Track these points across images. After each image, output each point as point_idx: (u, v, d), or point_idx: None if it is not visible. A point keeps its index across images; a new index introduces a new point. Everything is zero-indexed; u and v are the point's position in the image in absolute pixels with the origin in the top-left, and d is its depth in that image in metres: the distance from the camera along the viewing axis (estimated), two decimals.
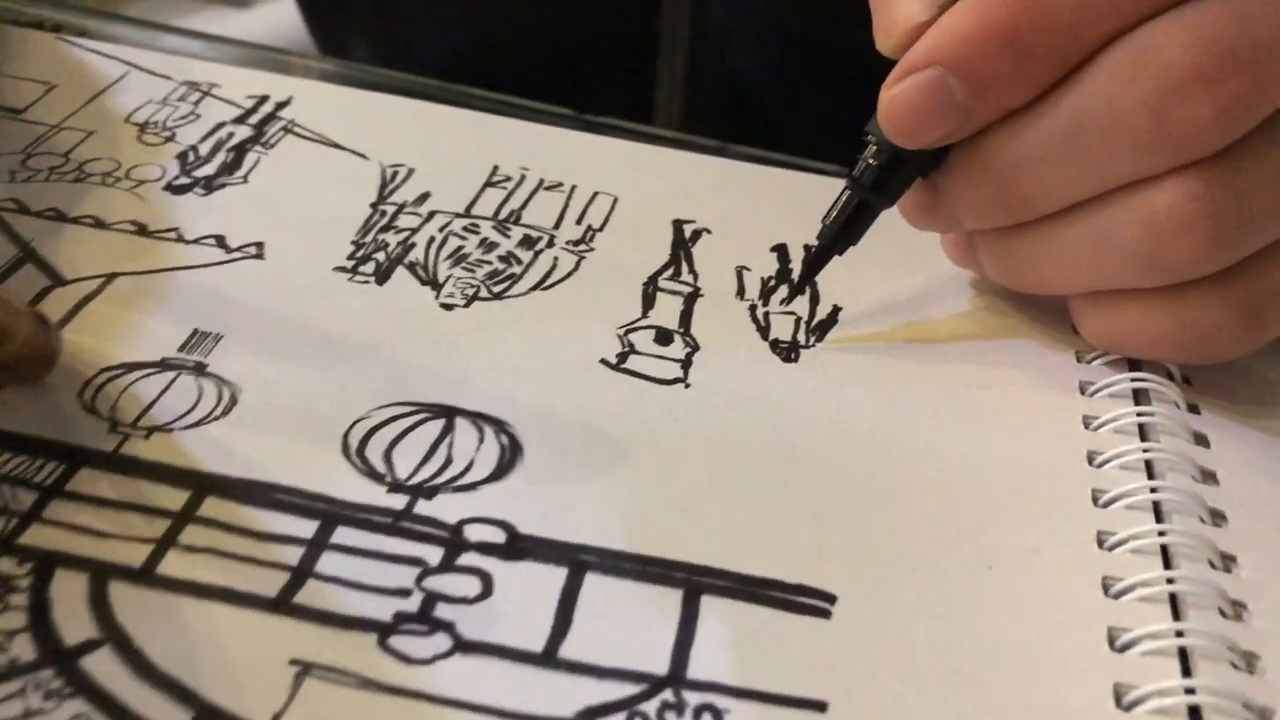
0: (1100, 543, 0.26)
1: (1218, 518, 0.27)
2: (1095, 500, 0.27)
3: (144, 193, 0.34)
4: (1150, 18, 0.25)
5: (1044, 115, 0.26)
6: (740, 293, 0.33)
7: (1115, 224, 0.27)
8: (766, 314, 0.32)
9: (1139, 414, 0.29)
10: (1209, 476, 0.28)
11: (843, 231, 0.30)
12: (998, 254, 0.30)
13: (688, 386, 0.29)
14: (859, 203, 0.30)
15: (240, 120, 0.38)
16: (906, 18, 0.27)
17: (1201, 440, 0.29)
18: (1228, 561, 0.26)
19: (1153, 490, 0.27)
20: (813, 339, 0.31)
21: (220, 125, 0.37)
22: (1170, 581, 0.25)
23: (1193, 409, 0.30)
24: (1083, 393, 0.30)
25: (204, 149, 0.36)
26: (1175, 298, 0.28)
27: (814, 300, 0.33)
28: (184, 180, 0.35)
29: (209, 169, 0.35)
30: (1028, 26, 0.25)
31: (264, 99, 0.39)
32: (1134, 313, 0.28)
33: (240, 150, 0.36)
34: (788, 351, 0.31)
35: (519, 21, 0.55)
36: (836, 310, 0.32)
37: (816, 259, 0.31)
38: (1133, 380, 0.30)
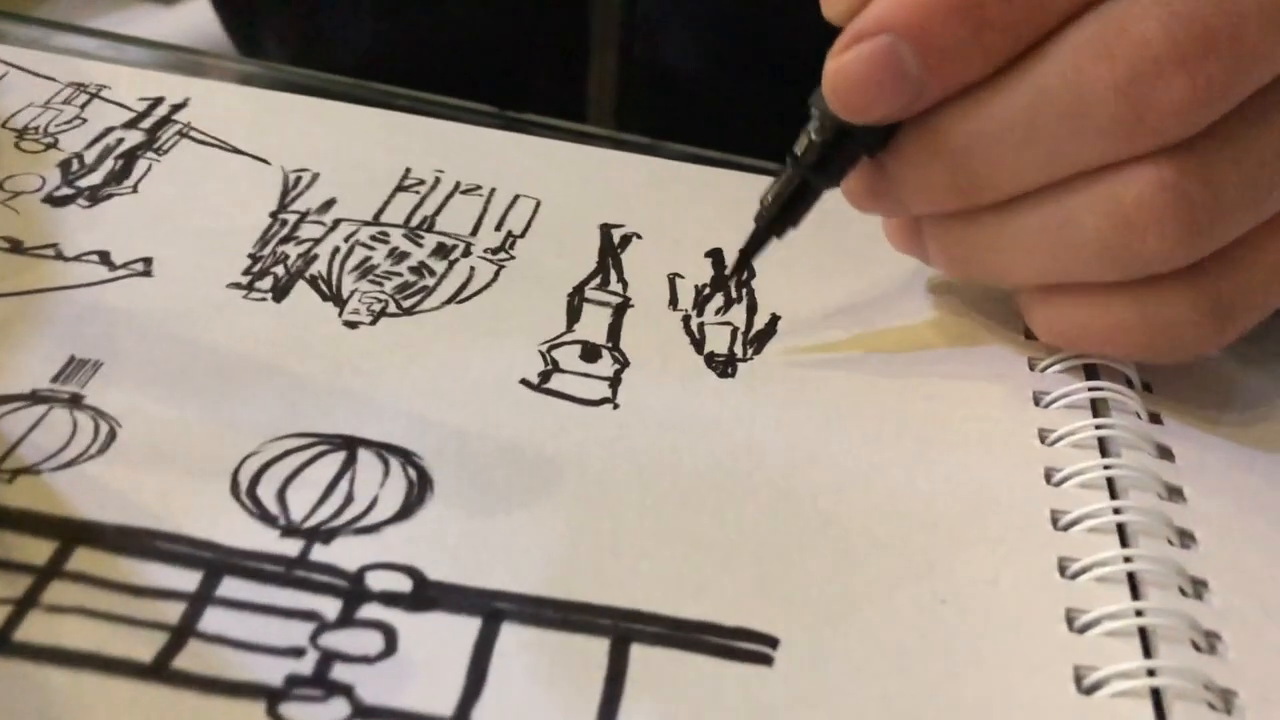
0: (1062, 570, 0.24)
1: (1186, 538, 0.25)
2: (1055, 523, 0.25)
3: (20, 205, 0.31)
4: None
5: (1003, 92, 0.24)
6: (673, 302, 0.30)
7: (1077, 213, 0.25)
8: (701, 325, 0.30)
9: (1098, 426, 0.27)
10: (1175, 493, 0.26)
11: (782, 212, 0.28)
12: (947, 241, 0.28)
13: (616, 407, 0.27)
14: (800, 182, 0.27)
15: (131, 125, 0.35)
16: None
17: (1166, 454, 0.27)
18: (1199, 587, 0.24)
19: (1116, 511, 0.25)
20: (750, 351, 0.29)
21: (109, 130, 0.34)
22: (1139, 614, 0.23)
23: (1154, 418, 0.28)
24: (1037, 404, 0.28)
25: (90, 156, 0.33)
26: (1139, 292, 0.26)
27: (751, 310, 0.30)
28: (66, 191, 0.32)
29: (94, 178, 0.32)
30: None
31: (158, 101, 0.36)
32: (1093, 307, 0.26)
33: (130, 157, 0.33)
34: (724, 366, 0.29)
35: (441, 13, 0.52)
36: (775, 319, 0.30)
37: (753, 242, 0.28)
38: (1090, 390, 0.28)
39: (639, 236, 0.32)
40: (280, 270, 0.30)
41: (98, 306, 0.28)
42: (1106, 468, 0.26)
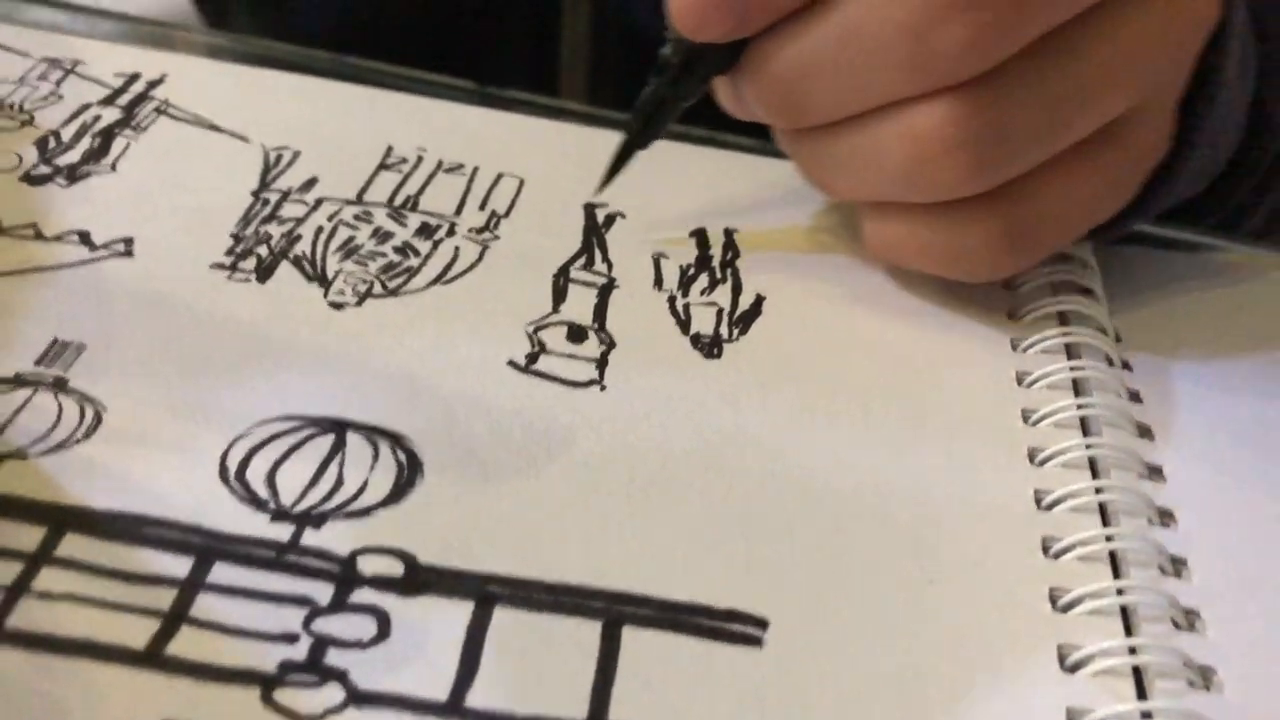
0: (1045, 549, 0.25)
1: (1166, 517, 0.26)
2: (1039, 503, 0.26)
3: None
4: None
5: (815, 25, 0.26)
6: (658, 283, 0.31)
7: (882, 140, 0.27)
8: (687, 306, 0.30)
9: (1079, 406, 0.27)
10: (1155, 471, 0.27)
11: (646, 126, 0.29)
12: (793, 153, 0.30)
13: (604, 389, 0.27)
14: (660, 98, 0.29)
15: (108, 101, 0.34)
16: None
17: (1145, 432, 0.28)
18: (1178, 565, 0.25)
19: (1097, 491, 0.25)
20: (736, 332, 0.29)
21: (85, 107, 0.34)
22: (1120, 593, 0.23)
23: (1134, 397, 0.29)
24: (1020, 384, 0.28)
25: (67, 134, 0.33)
26: (941, 215, 0.28)
27: (736, 290, 0.30)
28: (44, 169, 0.32)
29: (72, 156, 0.32)
30: None
31: (135, 77, 0.35)
32: (904, 226, 0.29)
33: (108, 135, 0.33)
34: (709, 347, 0.29)
35: None
36: (760, 300, 0.30)
37: (619, 156, 0.30)
38: (1071, 370, 0.28)
39: (623, 216, 0.32)
40: (264, 250, 0.30)
41: (79, 288, 0.28)
42: (1088, 447, 0.26)
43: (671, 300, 0.30)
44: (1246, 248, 0.36)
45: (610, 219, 0.32)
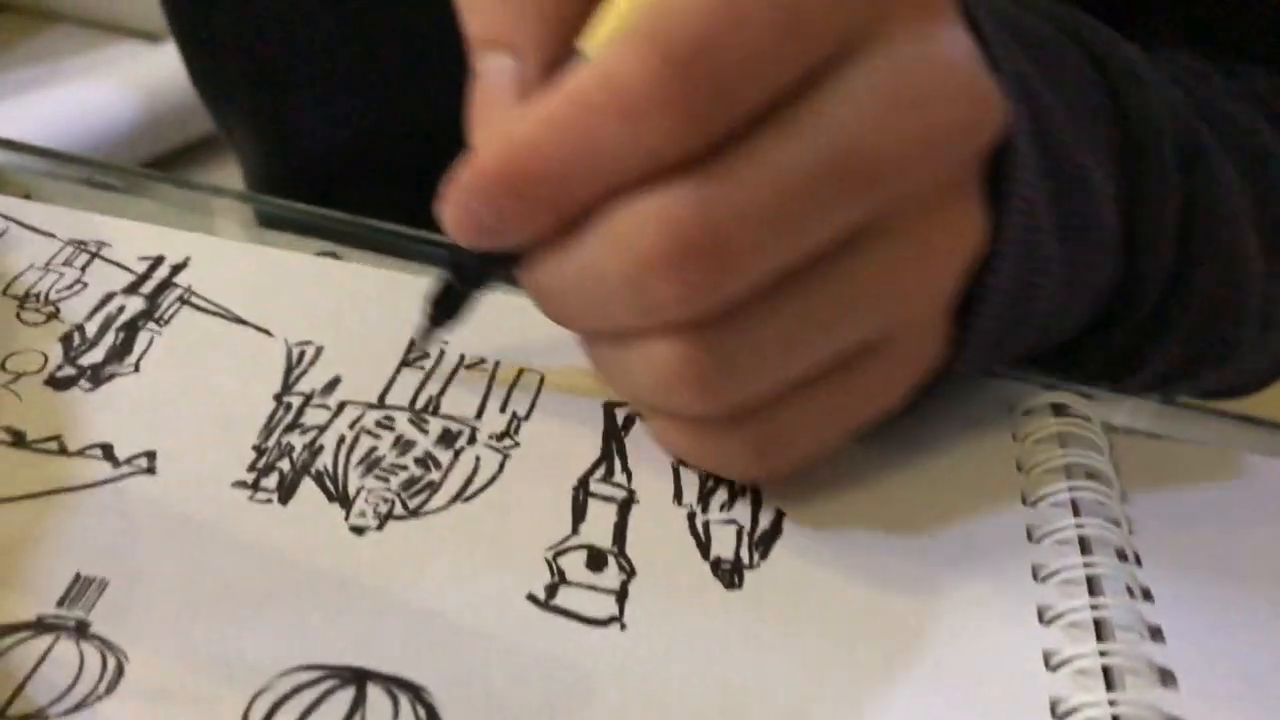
0: None
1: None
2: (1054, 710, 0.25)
3: (22, 389, 0.31)
4: (641, 184, 0.25)
5: (560, 256, 0.27)
6: (678, 496, 0.31)
7: (630, 361, 0.28)
8: (706, 524, 0.30)
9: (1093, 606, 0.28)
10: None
11: (438, 312, 0.31)
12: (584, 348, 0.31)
13: (624, 628, 0.27)
14: (447, 285, 0.30)
15: (132, 289, 0.35)
16: (483, 127, 0.28)
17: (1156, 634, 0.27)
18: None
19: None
20: (756, 556, 0.29)
21: (110, 296, 0.34)
22: None
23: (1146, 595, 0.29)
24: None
25: (91, 329, 0.33)
26: (695, 426, 0.29)
27: (756, 505, 0.30)
28: (68, 371, 0.32)
29: (96, 355, 0.32)
30: (526, 176, 0.26)
31: (159, 261, 0.36)
32: (670, 428, 0.30)
33: (131, 329, 0.33)
34: (730, 574, 0.29)
35: (420, 91, 0.51)
36: (780, 516, 0.30)
37: (419, 339, 0.32)
38: (1085, 566, 0.28)
39: (641, 417, 0.33)
40: (285, 465, 0.30)
41: (101, 511, 0.28)
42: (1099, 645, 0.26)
43: (691, 517, 0.30)
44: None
45: (629, 420, 0.32)
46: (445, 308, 0.31)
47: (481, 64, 0.28)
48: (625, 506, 0.30)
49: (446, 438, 0.31)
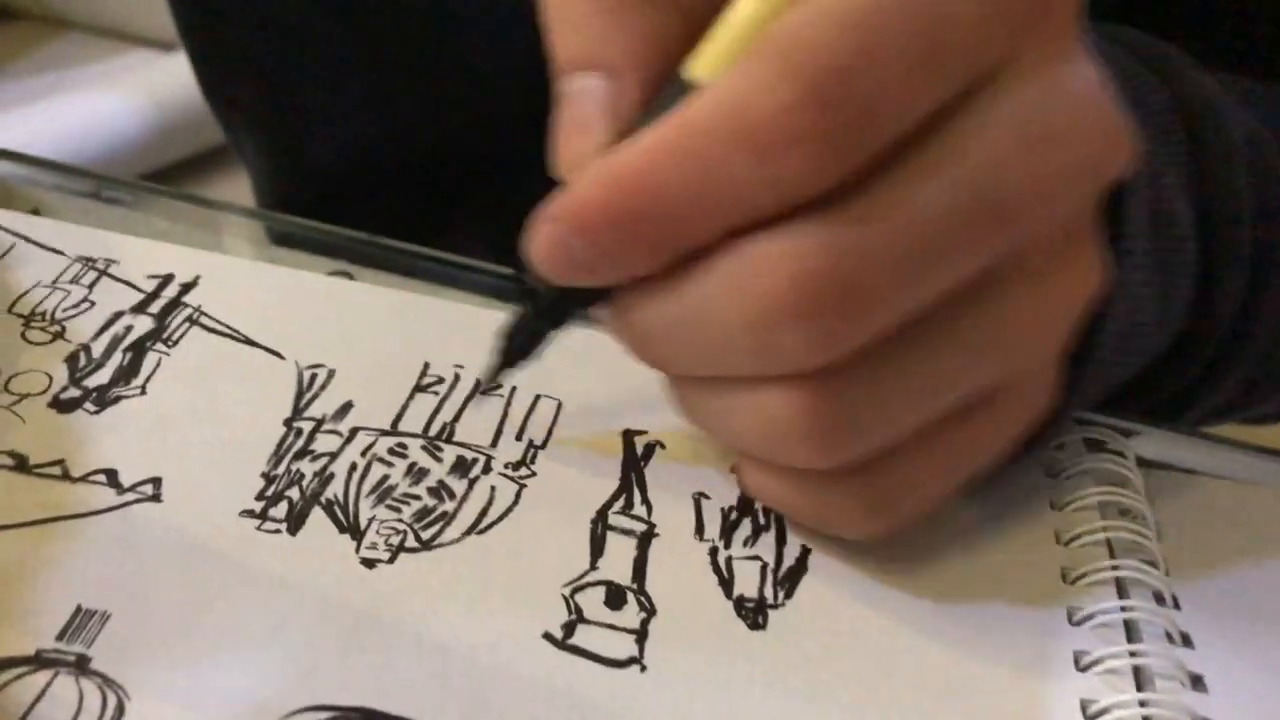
0: None
1: None
2: None
3: (26, 410, 0.30)
4: (763, 224, 0.24)
5: (667, 295, 0.26)
6: (699, 530, 0.30)
7: (738, 412, 0.27)
8: (729, 560, 0.29)
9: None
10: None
11: (514, 349, 0.29)
12: (669, 392, 0.29)
13: (644, 669, 0.26)
14: (531, 328, 0.29)
15: (140, 309, 0.34)
16: (571, 153, 0.26)
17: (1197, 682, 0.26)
18: None
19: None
20: (781, 595, 0.28)
21: (117, 316, 0.33)
22: None
23: (1186, 641, 0.28)
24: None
25: (97, 349, 0.32)
26: (801, 478, 0.28)
27: (780, 540, 0.29)
28: (73, 392, 0.31)
29: (102, 376, 0.31)
30: (636, 211, 0.24)
31: (168, 279, 0.35)
32: (771, 479, 0.29)
33: (139, 350, 0.32)
34: (754, 614, 0.28)
35: (433, 101, 0.49)
36: (806, 553, 0.29)
37: (489, 374, 0.30)
38: (1122, 610, 0.27)
39: (661, 446, 0.32)
40: (295, 494, 0.29)
41: (104, 541, 0.27)
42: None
43: (713, 553, 0.29)
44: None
45: (650, 449, 0.31)
46: (520, 345, 0.29)
47: (569, 85, 0.26)
48: (645, 540, 0.29)
49: (461, 466, 0.30)
